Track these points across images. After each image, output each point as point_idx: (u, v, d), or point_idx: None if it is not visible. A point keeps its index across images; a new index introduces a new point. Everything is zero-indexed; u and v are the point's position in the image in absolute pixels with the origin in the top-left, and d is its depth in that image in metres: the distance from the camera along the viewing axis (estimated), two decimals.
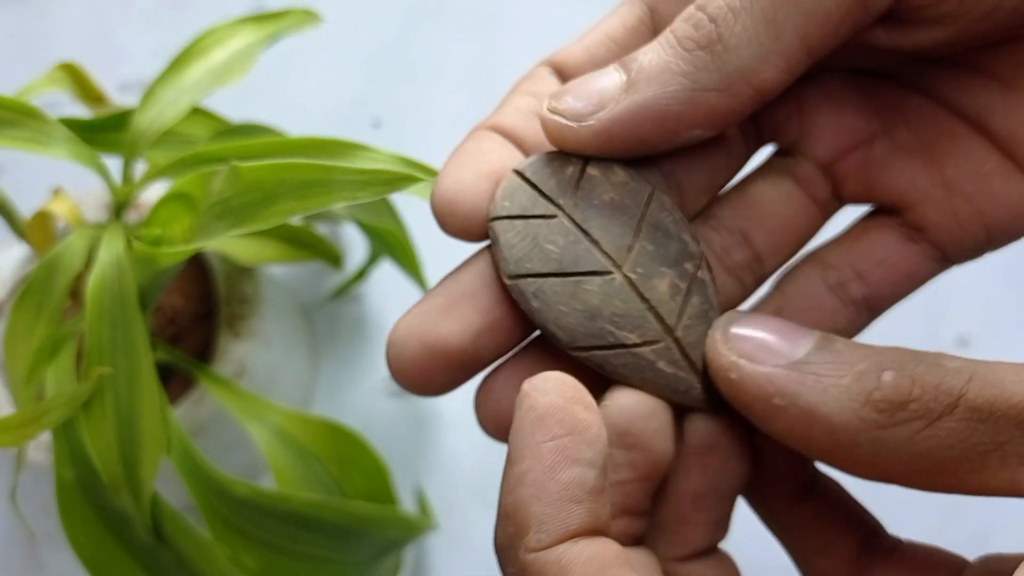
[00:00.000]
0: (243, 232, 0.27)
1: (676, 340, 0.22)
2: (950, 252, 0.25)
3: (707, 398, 0.22)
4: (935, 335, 0.50)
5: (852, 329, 0.25)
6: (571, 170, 0.23)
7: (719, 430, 0.22)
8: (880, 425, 0.18)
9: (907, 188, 0.25)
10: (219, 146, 0.32)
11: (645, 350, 0.21)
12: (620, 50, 0.25)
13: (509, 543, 0.19)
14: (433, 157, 0.32)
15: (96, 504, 0.32)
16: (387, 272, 0.47)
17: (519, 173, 0.23)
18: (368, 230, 0.43)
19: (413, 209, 0.36)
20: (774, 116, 0.26)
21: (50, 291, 0.32)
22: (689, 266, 0.22)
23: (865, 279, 0.25)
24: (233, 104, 0.39)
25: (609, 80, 0.22)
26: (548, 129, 0.22)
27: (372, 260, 0.49)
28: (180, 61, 0.34)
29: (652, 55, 0.22)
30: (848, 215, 0.27)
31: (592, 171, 0.23)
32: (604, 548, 0.19)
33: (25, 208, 0.35)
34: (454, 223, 0.22)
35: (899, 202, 0.25)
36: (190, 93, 0.34)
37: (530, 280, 0.21)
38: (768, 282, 0.26)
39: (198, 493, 0.32)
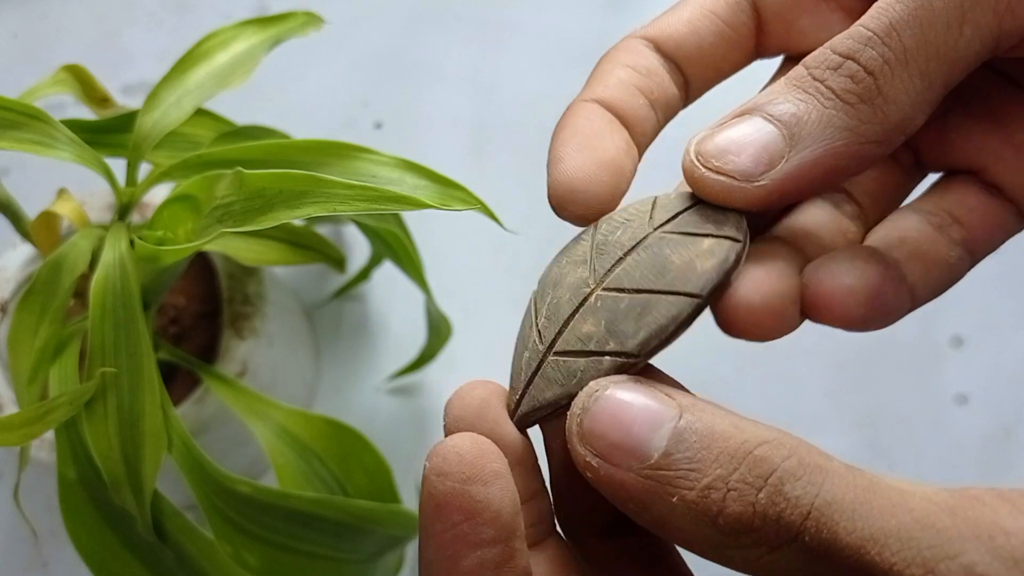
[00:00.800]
0: (239, 231, 0.27)
1: (542, 357, 0.22)
2: None
3: (513, 404, 0.22)
4: (930, 336, 0.50)
5: (961, 267, 0.26)
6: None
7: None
8: (726, 545, 0.18)
9: (980, 152, 0.26)
10: (223, 148, 0.32)
11: (533, 334, 0.22)
12: (724, 25, 0.26)
13: None
14: (434, 157, 0.33)
15: (98, 502, 0.33)
16: (389, 273, 0.48)
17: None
18: (370, 232, 0.43)
19: (415, 211, 0.37)
20: None
21: (54, 291, 0.32)
22: (612, 345, 0.22)
23: (962, 223, 0.26)
24: (237, 106, 0.40)
25: (767, 135, 0.21)
26: (710, 188, 0.22)
27: (374, 261, 0.49)
28: (183, 63, 0.35)
29: (806, 106, 0.21)
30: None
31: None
32: None
33: (30, 209, 0.35)
34: (573, 211, 0.23)
35: (973, 165, 0.26)
36: (193, 95, 0.34)
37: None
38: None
39: (200, 491, 0.33)
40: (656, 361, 0.22)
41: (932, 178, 0.28)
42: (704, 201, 0.23)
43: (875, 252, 0.24)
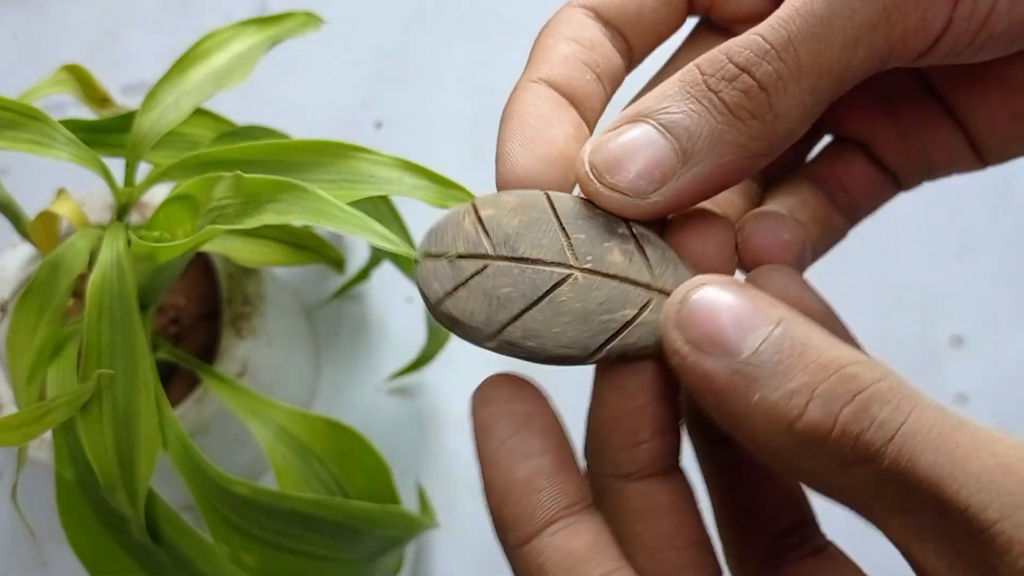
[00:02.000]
0: (232, 228, 0.27)
1: (660, 291, 0.22)
2: (901, 180, 0.28)
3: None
4: (930, 336, 0.50)
5: (843, 232, 0.28)
6: (468, 220, 0.23)
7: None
8: (797, 453, 0.18)
9: (867, 128, 0.27)
10: (221, 148, 0.32)
11: (645, 314, 0.22)
12: None
13: (503, 546, 0.21)
14: (434, 157, 0.33)
15: (96, 503, 0.33)
16: (389, 272, 0.48)
17: (427, 255, 0.23)
18: None
19: (415, 210, 0.37)
20: None
21: (52, 291, 0.32)
22: (622, 230, 0.23)
23: (848, 191, 0.28)
24: (236, 106, 0.40)
25: (660, 149, 0.22)
26: (606, 203, 0.22)
27: (374, 261, 0.49)
28: (182, 63, 0.35)
29: (699, 119, 0.21)
30: None
31: (484, 212, 0.23)
32: (576, 538, 0.20)
33: (29, 209, 0.35)
34: None
35: (862, 138, 0.28)
36: (192, 95, 0.34)
37: (510, 328, 0.22)
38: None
39: (198, 492, 0.33)
40: None
41: None
42: None
43: (785, 220, 0.25)
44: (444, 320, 0.22)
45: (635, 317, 0.22)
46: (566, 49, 0.25)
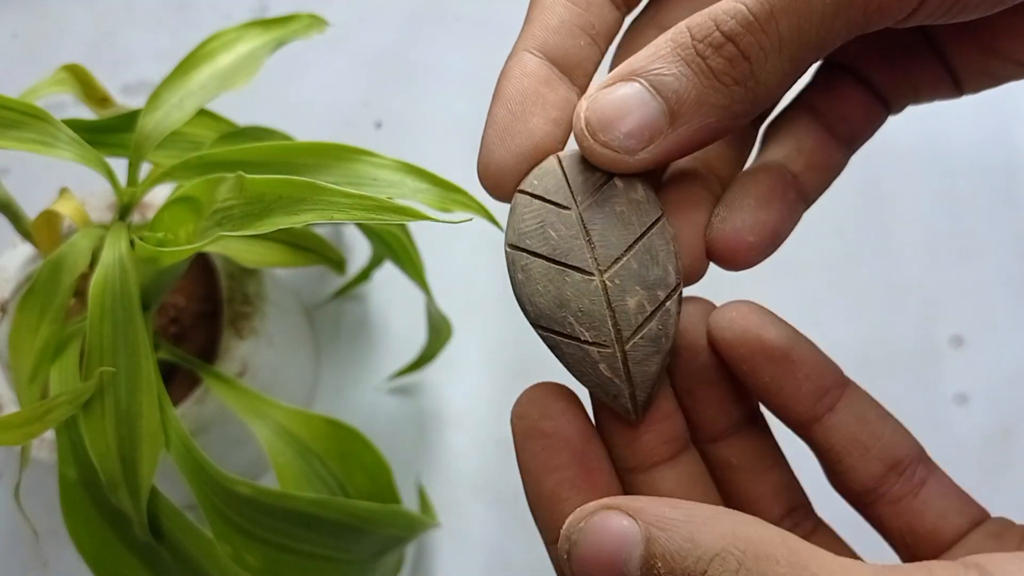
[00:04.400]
0: (238, 235, 0.27)
1: (623, 352, 0.23)
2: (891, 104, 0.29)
3: (632, 409, 0.24)
4: (930, 336, 0.50)
5: (843, 165, 0.29)
6: (600, 174, 0.24)
7: None
8: None
9: (856, 54, 0.28)
10: (224, 149, 0.32)
11: (592, 349, 0.23)
12: None
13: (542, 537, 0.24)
14: (434, 157, 0.33)
15: (99, 503, 0.33)
16: (389, 272, 0.48)
17: (558, 159, 0.24)
18: (371, 232, 0.43)
19: None
20: None
21: (54, 290, 0.32)
22: (661, 293, 0.24)
23: (847, 119, 0.28)
24: (237, 106, 0.40)
25: (650, 111, 0.23)
26: (598, 159, 0.24)
27: (374, 262, 0.49)
28: (186, 64, 0.35)
29: (687, 82, 0.23)
30: None
31: (618, 182, 0.24)
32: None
33: (30, 209, 0.35)
34: (502, 199, 0.25)
35: (852, 64, 0.29)
36: (196, 96, 0.34)
37: (523, 254, 0.24)
38: None
39: (200, 491, 0.33)
40: None
41: None
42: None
43: (773, 183, 0.26)
44: (512, 197, 0.24)
45: (585, 342, 0.23)
46: (562, 13, 0.26)
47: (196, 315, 0.44)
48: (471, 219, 0.29)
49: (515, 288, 0.24)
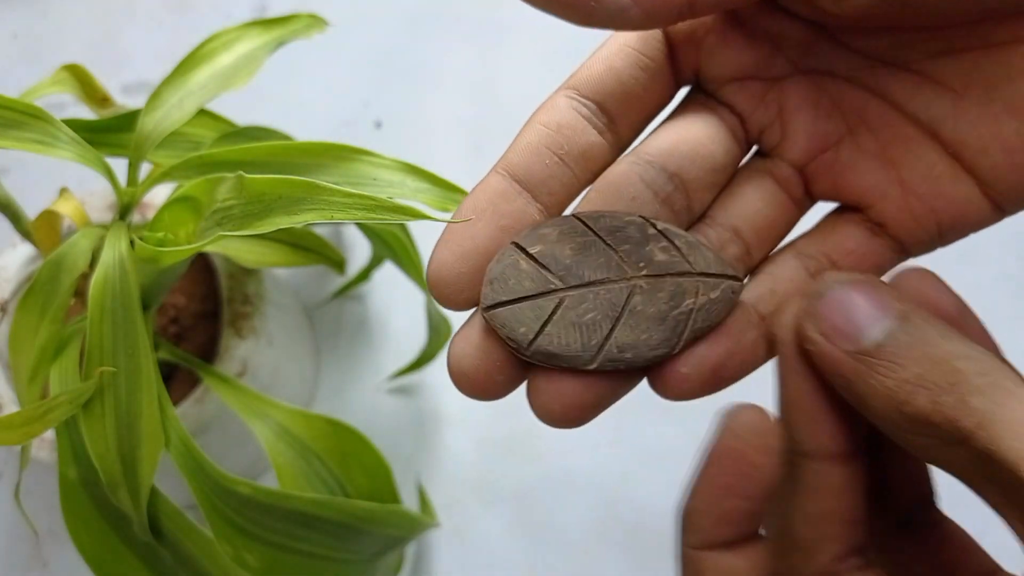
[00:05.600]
0: (238, 235, 0.27)
1: (700, 274, 0.25)
2: (908, 246, 0.28)
3: (739, 280, 0.26)
4: None
5: None
6: (523, 262, 0.24)
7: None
8: (909, 431, 0.21)
9: (868, 188, 0.27)
10: (224, 149, 0.32)
11: (700, 298, 0.25)
12: (639, 54, 0.27)
13: (679, 530, 0.25)
14: (434, 156, 0.33)
15: (99, 502, 0.33)
16: (389, 272, 0.48)
17: (495, 305, 0.24)
18: (371, 232, 0.43)
19: None
20: (759, 120, 0.28)
21: (54, 290, 0.32)
22: (651, 231, 0.25)
23: (837, 266, 0.28)
24: (238, 106, 0.40)
25: None
26: (597, 20, 0.24)
27: (375, 262, 0.49)
28: (186, 64, 0.35)
29: None
30: (818, 211, 0.29)
31: (533, 249, 0.24)
32: (739, 563, 0.24)
33: (29, 209, 0.35)
34: (443, 300, 0.25)
35: (861, 200, 0.28)
36: (196, 96, 0.34)
37: (607, 347, 0.24)
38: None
39: (200, 492, 0.33)
40: None
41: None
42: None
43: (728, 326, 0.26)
44: (540, 358, 0.24)
45: (695, 303, 0.25)
46: (531, 136, 0.26)
47: (196, 315, 0.44)
48: (471, 219, 0.29)
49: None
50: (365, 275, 0.50)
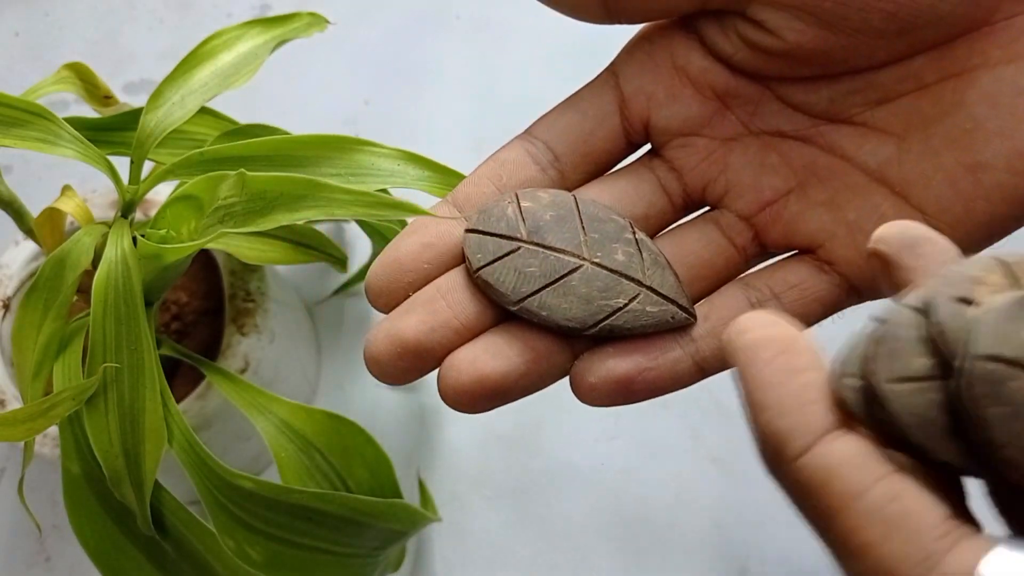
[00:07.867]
0: (240, 232, 0.27)
1: (649, 288, 0.28)
2: (857, 283, 0.29)
3: (688, 315, 0.28)
4: None
5: None
6: (511, 209, 0.28)
7: None
8: None
9: (817, 231, 0.29)
10: (225, 146, 0.33)
11: (633, 304, 0.27)
12: (588, 103, 0.30)
13: (775, 464, 0.21)
14: (434, 156, 0.33)
15: (103, 498, 0.33)
16: None
17: (474, 230, 0.28)
18: (371, 229, 0.43)
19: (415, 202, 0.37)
20: (703, 174, 0.30)
21: (57, 287, 0.32)
22: (628, 235, 0.28)
23: (780, 299, 0.29)
24: (239, 104, 0.40)
25: None
26: None
27: (375, 258, 0.49)
28: (187, 63, 0.35)
29: None
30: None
31: (524, 203, 0.28)
32: (858, 442, 0.20)
33: (32, 207, 0.35)
34: (374, 303, 0.29)
35: (812, 243, 0.29)
36: (197, 94, 0.34)
37: (531, 299, 0.27)
38: None
39: (202, 486, 0.33)
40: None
41: None
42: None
43: (651, 343, 0.28)
44: (479, 283, 0.27)
45: (625, 305, 0.27)
46: (481, 168, 0.30)
47: (198, 312, 0.44)
48: (471, 214, 0.29)
49: (547, 324, 0.27)
50: (366, 272, 0.50)
